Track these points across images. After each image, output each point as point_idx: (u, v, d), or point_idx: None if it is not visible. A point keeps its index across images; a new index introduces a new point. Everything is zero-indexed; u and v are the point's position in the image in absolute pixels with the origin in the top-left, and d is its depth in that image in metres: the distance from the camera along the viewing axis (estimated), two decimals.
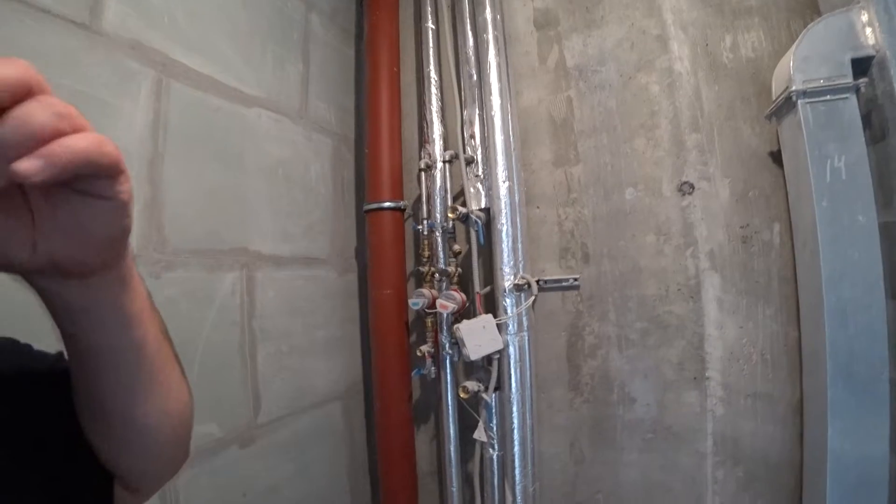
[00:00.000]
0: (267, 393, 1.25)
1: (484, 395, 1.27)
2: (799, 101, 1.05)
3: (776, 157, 1.26)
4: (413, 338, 1.55)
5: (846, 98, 1.01)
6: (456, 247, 1.47)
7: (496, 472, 1.36)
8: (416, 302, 1.37)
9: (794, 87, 1.05)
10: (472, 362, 1.28)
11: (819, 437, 1.06)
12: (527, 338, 1.28)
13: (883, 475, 0.97)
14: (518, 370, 1.25)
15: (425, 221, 1.46)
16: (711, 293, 1.33)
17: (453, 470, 1.46)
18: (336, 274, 1.56)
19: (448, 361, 1.42)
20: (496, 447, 1.34)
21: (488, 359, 1.27)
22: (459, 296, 1.36)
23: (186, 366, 1.04)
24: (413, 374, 1.44)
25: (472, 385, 1.29)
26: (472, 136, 1.46)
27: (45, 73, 0.26)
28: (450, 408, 1.43)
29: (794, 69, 1.05)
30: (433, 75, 1.52)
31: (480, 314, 1.28)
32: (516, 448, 1.26)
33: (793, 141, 1.13)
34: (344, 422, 1.55)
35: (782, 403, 1.25)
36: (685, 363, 1.34)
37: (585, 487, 1.42)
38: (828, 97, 1.02)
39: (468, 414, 1.45)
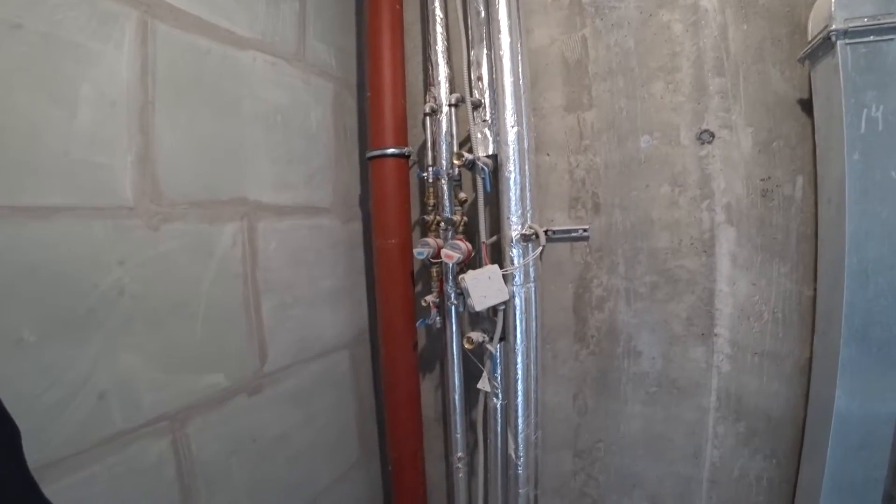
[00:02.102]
0: (273, 343, 1.27)
1: (489, 346, 1.27)
2: (838, 42, 0.96)
3: (806, 105, 1.17)
4: (418, 288, 1.54)
5: (891, 40, 0.92)
6: (462, 195, 1.42)
7: (500, 420, 1.38)
8: (420, 251, 1.34)
9: (833, 26, 0.95)
10: (478, 313, 1.26)
11: (825, 397, 1.04)
12: (533, 289, 1.25)
13: (887, 436, 0.96)
14: (523, 321, 1.23)
15: (430, 168, 1.41)
16: (725, 248, 1.28)
17: (458, 418, 1.49)
18: (340, 223, 1.53)
19: (453, 311, 1.42)
20: (500, 397, 1.35)
21: (494, 309, 1.25)
22: (465, 245, 1.33)
23: (190, 321, 1.05)
24: (418, 323, 1.44)
25: (476, 336, 1.29)
26: (480, 79, 1.37)
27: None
28: (454, 357, 1.44)
29: (836, 5, 0.95)
30: (438, 12, 1.42)
31: (486, 264, 1.25)
32: (520, 398, 1.26)
33: (826, 87, 1.04)
34: (350, 370, 1.58)
35: (790, 362, 1.24)
36: (694, 319, 1.32)
37: (587, 437, 1.45)
38: (871, 38, 0.93)
39: (473, 363, 1.46)
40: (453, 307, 1.40)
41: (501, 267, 1.24)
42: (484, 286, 1.19)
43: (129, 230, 0.96)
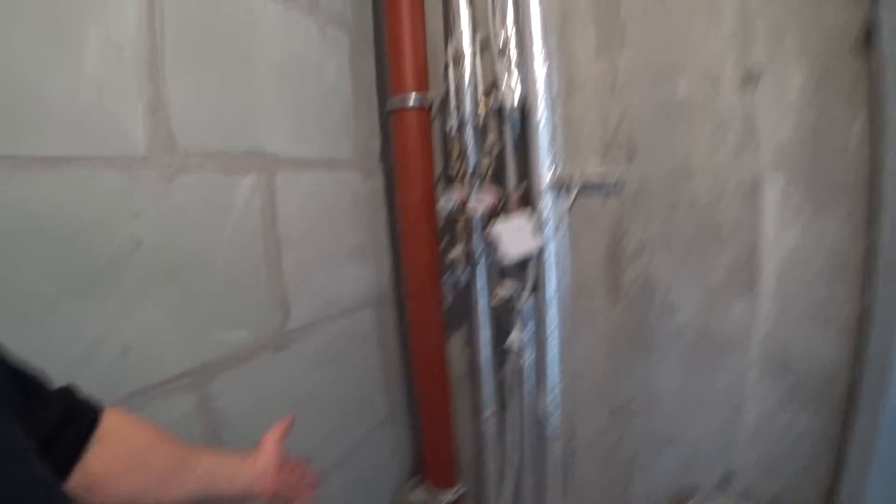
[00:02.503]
0: (295, 300, 1.24)
1: (519, 300, 1.22)
2: None
3: (866, 39, 1.06)
4: (444, 243, 1.48)
5: None
6: (488, 143, 1.34)
7: (530, 377, 1.34)
8: (446, 204, 1.28)
9: None
10: (507, 266, 1.21)
11: (884, 354, 0.97)
12: (565, 240, 1.20)
13: None
14: (555, 274, 1.18)
15: (454, 116, 1.33)
16: (772, 195, 1.19)
17: (487, 375, 1.45)
18: (361, 178, 1.48)
19: (481, 265, 1.36)
20: (530, 353, 1.31)
21: (523, 262, 1.19)
22: (492, 195, 1.26)
23: (210, 276, 1.01)
24: (444, 279, 1.39)
25: (506, 290, 1.23)
26: (505, 19, 1.28)
27: None
28: (483, 313, 1.39)
29: None
30: None
31: (515, 215, 1.19)
32: (552, 353, 1.22)
33: (894, 19, 0.93)
34: (376, 329, 1.55)
35: (841, 317, 1.15)
36: (736, 271, 1.24)
37: (621, 394, 1.40)
38: None
39: (502, 319, 1.41)
40: (481, 261, 1.34)
41: (531, 217, 1.18)
42: (513, 237, 1.13)
43: (144, 182, 0.92)
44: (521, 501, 1.58)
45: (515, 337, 1.27)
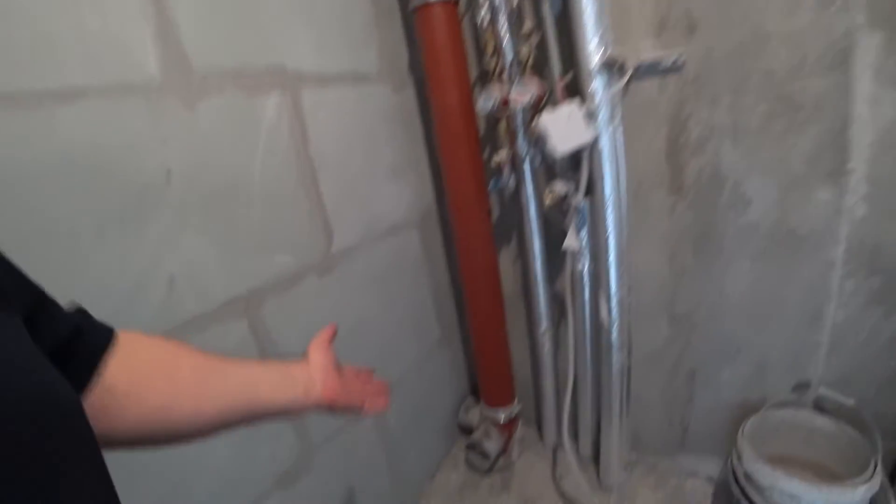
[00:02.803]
0: (336, 222, 1.20)
1: (574, 199, 1.12)
2: None
3: None
4: (487, 151, 1.39)
5: None
6: (525, 29, 1.19)
7: (588, 285, 1.27)
8: (485, 104, 1.17)
9: None
10: (557, 165, 1.11)
11: None
12: (619, 131, 1.08)
13: None
14: (612, 168, 1.07)
15: (485, 7, 1.17)
16: (866, 60, 1.01)
17: (540, 288, 1.40)
18: (391, 90, 1.38)
19: (528, 167, 1.26)
20: (588, 258, 1.23)
21: (576, 159, 1.09)
22: (535, 86, 1.14)
23: (246, 202, 0.98)
24: (490, 187, 1.30)
25: (559, 188, 1.13)
26: None
27: None
28: (533, 221, 1.31)
29: None
30: None
31: (563, 105, 1.07)
32: (612, 257, 1.14)
33: None
34: (422, 249, 1.51)
35: None
36: (820, 154, 1.08)
37: (686, 300, 1.31)
38: None
39: (553, 228, 1.34)
40: (528, 161, 1.24)
41: (581, 106, 1.06)
42: (562, 128, 1.02)
43: (165, 109, 0.88)
44: (580, 417, 1.57)
45: (571, 240, 1.18)
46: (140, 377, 0.45)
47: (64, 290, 0.76)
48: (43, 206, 0.73)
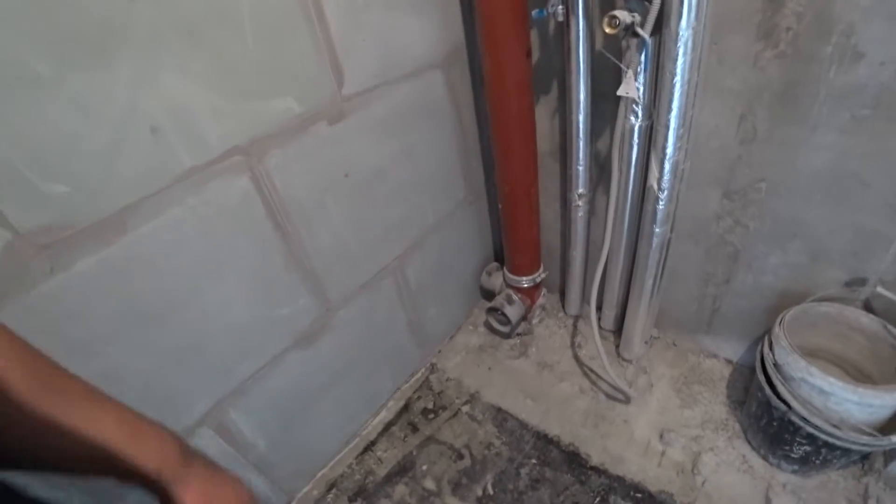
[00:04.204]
0: (348, 59, 1.01)
1: (640, 32, 0.89)
2: None
3: None
4: None
5: None
6: None
7: (636, 144, 1.10)
8: None
9: None
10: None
11: None
12: None
13: None
14: None
15: None
16: None
17: (580, 145, 1.22)
18: None
19: None
20: (642, 112, 1.04)
21: None
22: None
23: (235, 27, 0.75)
24: (533, 14, 1.05)
25: (623, 15, 0.88)
26: None
27: None
28: (580, 62, 1.08)
29: None
30: None
31: None
32: (674, 111, 0.95)
33: None
34: (448, 95, 1.32)
35: None
36: None
37: (747, 173, 1.13)
38: None
39: (602, 76, 1.12)
40: None
41: None
42: None
43: None
44: (606, 289, 1.49)
45: (629, 86, 0.98)
46: None
47: (27, 148, 0.64)
48: None
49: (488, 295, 1.75)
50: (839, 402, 0.97)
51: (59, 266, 0.71)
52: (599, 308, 1.56)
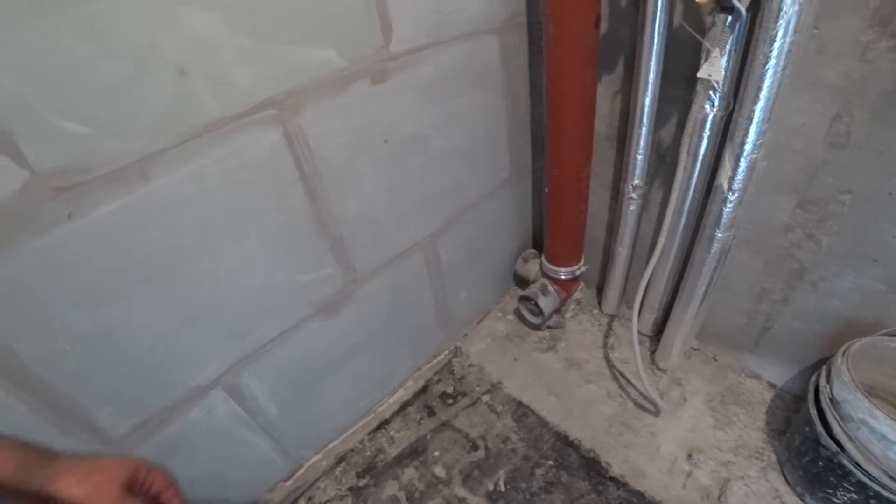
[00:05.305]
0: (398, 10, 0.92)
1: (737, 3, 0.77)
2: None
3: None
4: None
5: None
6: None
7: (707, 136, 0.98)
8: None
9: None
10: None
11: None
12: None
13: None
14: None
15: None
16: None
17: (643, 131, 1.10)
18: None
19: None
20: (719, 101, 0.93)
21: None
22: None
23: None
24: None
25: None
26: None
27: None
28: (655, 36, 0.96)
29: None
30: None
31: None
32: (761, 102, 0.83)
33: None
34: (502, 63, 1.21)
35: None
36: None
37: (830, 181, 0.99)
38: None
39: (674, 56, 1.00)
40: None
41: None
42: None
43: None
44: (650, 291, 1.38)
45: (713, 66, 0.85)
46: None
47: (42, 80, 0.59)
48: None
49: (522, 282, 1.66)
50: None
51: (78, 211, 0.67)
52: (639, 311, 1.46)
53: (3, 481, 0.39)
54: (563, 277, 1.46)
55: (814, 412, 1.01)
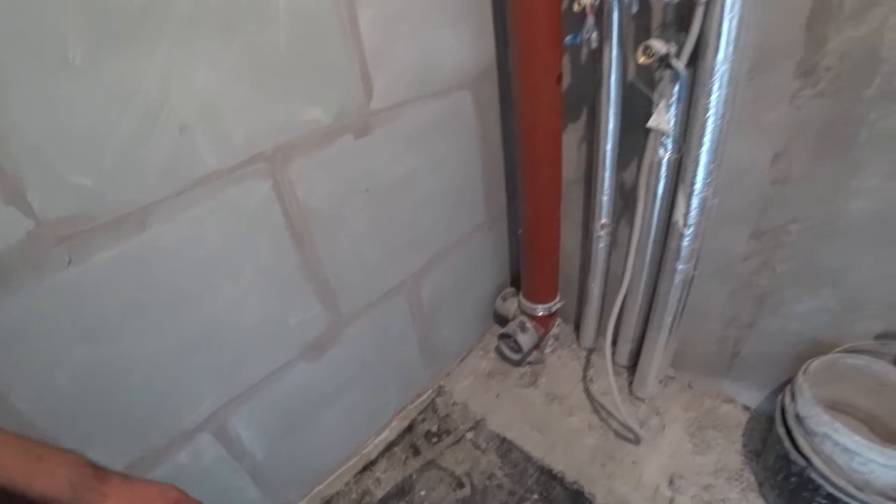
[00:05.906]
0: (378, 71, 1.01)
1: (675, 63, 0.87)
2: None
3: None
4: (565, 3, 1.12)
5: None
6: None
7: (663, 178, 1.07)
8: None
9: None
10: (658, 16, 0.85)
11: None
12: None
13: None
14: (732, 28, 0.81)
15: None
16: None
17: (606, 174, 1.20)
18: None
19: (615, 20, 0.98)
20: (673, 144, 1.02)
21: (686, 8, 0.83)
22: None
23: (269, 24, 0.72)
24: (566, 40, 1.03)
25: (658, 45, 0.88)
26: None
27: None
28: (612, 90, 1.07)
29: None
30: None
31: None
32: (705, 146, 0.93)
33: None
34: (475, 116, 1.31)
35: None
36: None
37: (778, 214, 1.09)
38: None
39: (632, 106, 1.11)
40: (617, 8, 0.97)
41: None
42: None
43: None
44: (623, 323, 1.45)
45: (660, 118, 0.96)
46: None
47: (58, 138, 0.64)
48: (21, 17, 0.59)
49: (502, 320, 1.72)
50: (864, 462, 0.92)
51: (78, 258, 0.71)
52: (615, 342, 1.52)
53: (61, 499, 0.41)
54: (541, 314, 1.53)
55: (782, 430, 1.06)
